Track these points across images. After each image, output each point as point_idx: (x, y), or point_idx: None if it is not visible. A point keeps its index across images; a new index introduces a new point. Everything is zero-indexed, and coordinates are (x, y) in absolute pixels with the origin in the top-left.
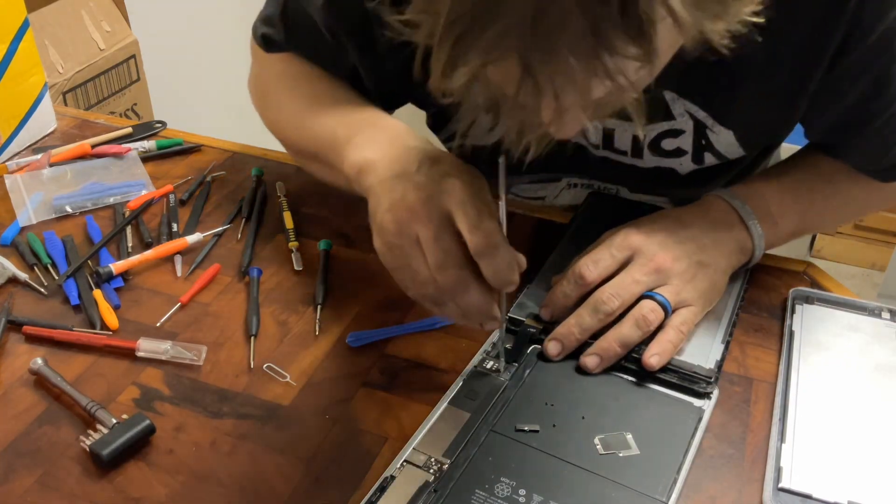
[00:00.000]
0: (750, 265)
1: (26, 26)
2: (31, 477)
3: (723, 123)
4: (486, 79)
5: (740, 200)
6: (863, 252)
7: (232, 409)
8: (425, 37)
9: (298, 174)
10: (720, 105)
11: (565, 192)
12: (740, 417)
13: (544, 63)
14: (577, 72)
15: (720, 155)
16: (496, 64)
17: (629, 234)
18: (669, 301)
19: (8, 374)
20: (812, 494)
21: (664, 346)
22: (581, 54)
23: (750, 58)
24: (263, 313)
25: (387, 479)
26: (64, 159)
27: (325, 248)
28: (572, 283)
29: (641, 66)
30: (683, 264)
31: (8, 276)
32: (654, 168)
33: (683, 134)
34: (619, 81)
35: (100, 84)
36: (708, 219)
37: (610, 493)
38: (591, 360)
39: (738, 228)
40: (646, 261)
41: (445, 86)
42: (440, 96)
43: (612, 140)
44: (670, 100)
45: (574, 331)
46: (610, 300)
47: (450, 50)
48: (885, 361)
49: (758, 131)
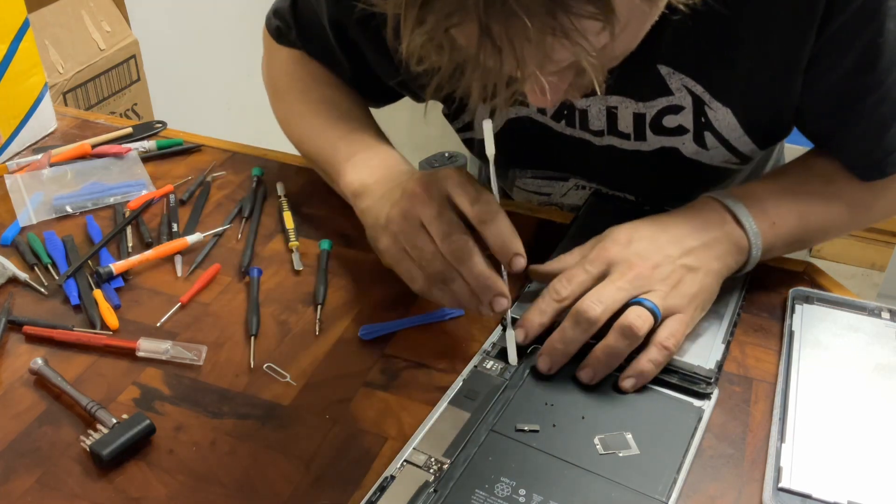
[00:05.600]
0: (748, 267)
1: (26, 26)
2: (31, 477)
3: (720, 100)
4: (451, 42)
5: (734, 199)
6: (863, 252)
7: (232, 409)
8: (394, 6)
9: (298, 174)
10: (715, 79)
11: (572, 192)
12: (740, 417)
13: (501, 23)
14: (532, 31)
15: (722, 137)
16: (457, 27)
17: (605, 247)
18: (658, 307)
19: (8, 374)
20: (812, 494)
21: (644, 367)
22: (536, 13)
23: (740, 29)
24: (263, 313)
25: (387, 479)
26: (64, 159)
27: (326, 248)
28: (547, 299)
29: (602, 28)
30: (665, 270)
31: (8, 276)
32: (659, 150)
33: (683, 111)
34: (577, 41)
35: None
36: (698, 220)
37: (610, 493)
38: (584, 374)
39: (732, 227)
40: (624, 269)
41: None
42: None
43: (615, 121)
44: (666, 74)
45: (558, 345)
46: (591, 308)
47: (415, 15)
48: (885, 361)
49: (756, 110)
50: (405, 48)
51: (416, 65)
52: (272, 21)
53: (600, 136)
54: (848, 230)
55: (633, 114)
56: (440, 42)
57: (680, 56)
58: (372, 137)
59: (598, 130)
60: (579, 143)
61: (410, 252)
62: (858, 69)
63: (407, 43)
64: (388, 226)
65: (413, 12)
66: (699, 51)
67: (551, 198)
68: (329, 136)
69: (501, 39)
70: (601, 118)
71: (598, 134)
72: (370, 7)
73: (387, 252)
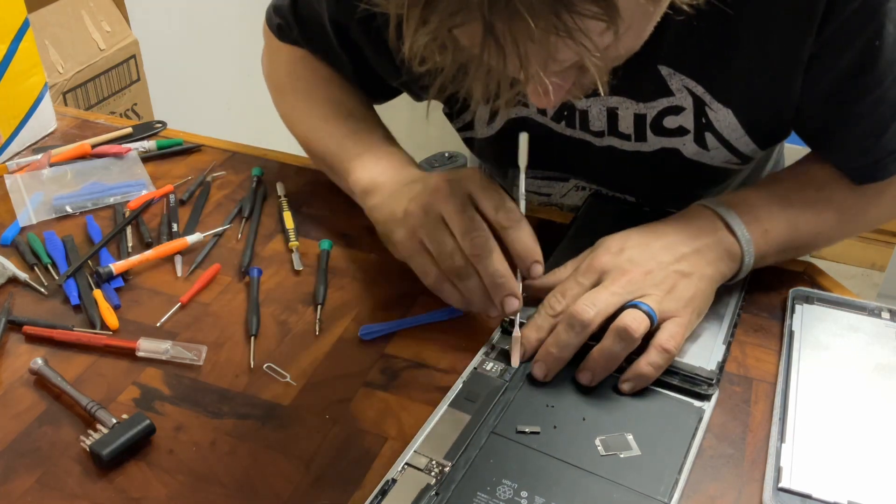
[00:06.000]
0: (741, 275)
1: (26, 26)
2: (31, 477)
3: (720, 100)
4: (454, 42)
5: (725, 207)
6: (863, 252)
7: (232, 409)
8: (396, 6)
9: (298, 174)
10: (716, 79)
11: (572, 192)
12: (740, 417)
13: (504, 23)
14: (536, 31)
15: (722, 138)
16: (461, 27)
17: (596, 257)
18: (654, 310)
19: (8, 374)
20: (812, 494)
21: (644, 370)
22: (540, 12)
23: (740, 29)
24: (263, 313)
25: (388, 483)
26: (64, 159)
27: (326, 248)
28: (543, 315)
29: (606, 28)
30: (658, 276)
31: (8, 276)
32: (659, 151)
33: (684, 111)
34: (580, 41)
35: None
36: (691, 227)
37: (611, 494)
38: (583, 377)
39: (724, 234)
40: (617, 275)
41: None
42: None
43: (615, 122)
44: (667, 75)
45: (553, 350)
46: (584, 311)
47: (418, 15)
48: (885, 361)
49: (757, 111)
50: (408, 48)
51: (419, 65)
52: (273, 18)
53: (601, 136)
54: (841, 238)
55: (634, 114)
56: (443, 42)
57: (681, 57)
58: (379, 136)
59: (599, 131)
60: (579, 143)
61: (429, 245)
62: (856, 70)
63: (410, 43)
64: (405, 219)
65: (416, 12)
66: (700, 51)
67: (551, 198)
68: (336, 135)
69: (505, 39)
70: (601, 119)
71: (599, 135)
72: (372, 7)
73: (402, 245)
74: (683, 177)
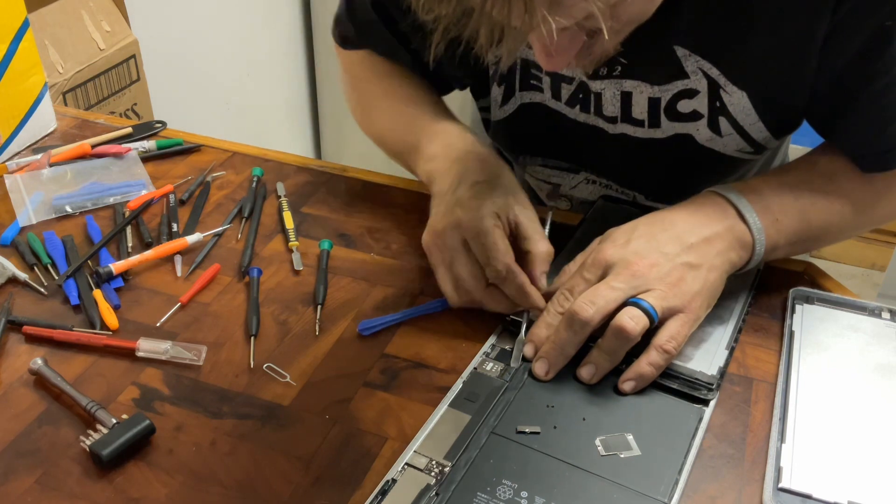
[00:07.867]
0: (751, 264)
1: (26, 26)
2: (31, 477)
3: (735, 83)
4: None
5: (737, 193)
6: (863, 252)
7: (232, 409)
8: None
9: (298, 174)
10: (731, 61)
11: (582, 185)
12: (740, 417)
13: None
14: None
15: (736, 123)
16: None
17: (602, 249)
18: (655, 307)
19: (8, 374)
20: (812, 494)
21: (644, 370)
22: None
23: (756, 9)
24: (263, 313)
25: (388, 483)
26: (64, 159)
27: (326, 248)
28: (552, 312)
29: None
30: (664, 268)
31: (8, 276)
32: (672, 137)
33: (698, 95)
34: None
35: (100, 84)
36: (700, 215)
37: (612, 494)
38: (584, 371)
39: (735, 221)
40: (621, 269)
41: None
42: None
43: (629, 107)
44: (682, 56)
45: (553, 348)
46: (583, 309)
47: None
48: (885, 361)
49: (771, 93)
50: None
51: (424, 14)
52: (335, 31)
53: (613, 122)
54: (851, 232)
55: (648, 98)
56: None
57: (697, 37)
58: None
59: (612, 117)
60: (592, 130)
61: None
62: (867, 53)
63: None
64: (434, 228)
65: None
66: (716, 32)
67: (560, 188)
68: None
69: None
70: (615, 103)
71: (612, 121)
72: None
73: (428, 251)
74: (695, 167)
